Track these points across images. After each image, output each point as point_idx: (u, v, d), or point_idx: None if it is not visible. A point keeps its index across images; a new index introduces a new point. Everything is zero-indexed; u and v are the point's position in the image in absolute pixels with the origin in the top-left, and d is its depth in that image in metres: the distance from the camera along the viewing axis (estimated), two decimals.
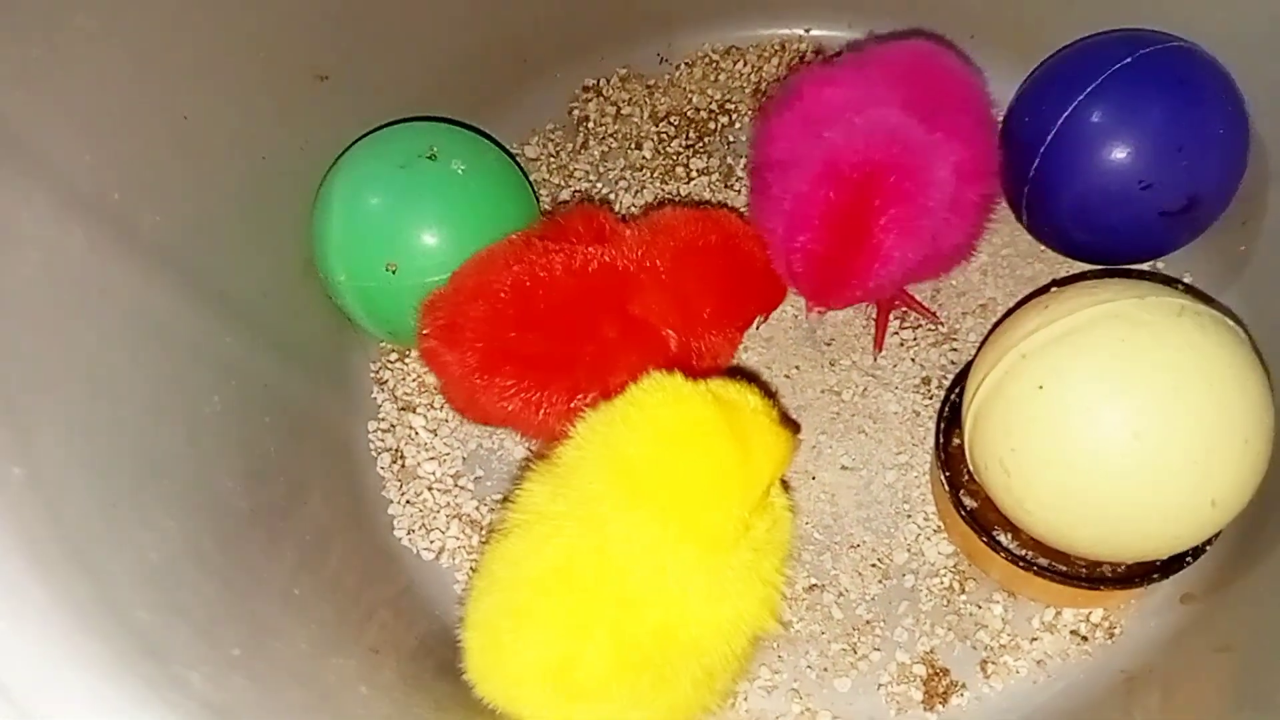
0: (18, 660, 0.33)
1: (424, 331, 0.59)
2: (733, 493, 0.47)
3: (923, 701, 0.58)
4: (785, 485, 0.54)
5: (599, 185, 0.75)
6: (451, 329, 0.58)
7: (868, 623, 0.60)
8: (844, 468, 0.65)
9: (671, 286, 0.59)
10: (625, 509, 0.46)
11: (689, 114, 0.78)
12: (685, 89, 0.79)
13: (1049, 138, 0.62)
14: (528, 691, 0.48)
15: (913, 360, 0.68)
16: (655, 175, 0.75)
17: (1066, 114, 0.62)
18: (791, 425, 0.52)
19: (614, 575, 0.46)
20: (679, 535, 0.46)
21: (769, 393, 0.53)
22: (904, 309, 0.69)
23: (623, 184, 0.75)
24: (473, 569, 0.62)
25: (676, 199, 0.74)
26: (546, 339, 0.57)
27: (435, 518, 0.65)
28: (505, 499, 0.53)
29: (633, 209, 0.74)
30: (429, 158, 0.62)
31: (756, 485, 0.48)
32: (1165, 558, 0.55)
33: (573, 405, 0.57)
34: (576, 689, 0.47)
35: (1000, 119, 0.72)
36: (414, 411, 0.68)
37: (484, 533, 0.64)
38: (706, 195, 0.74)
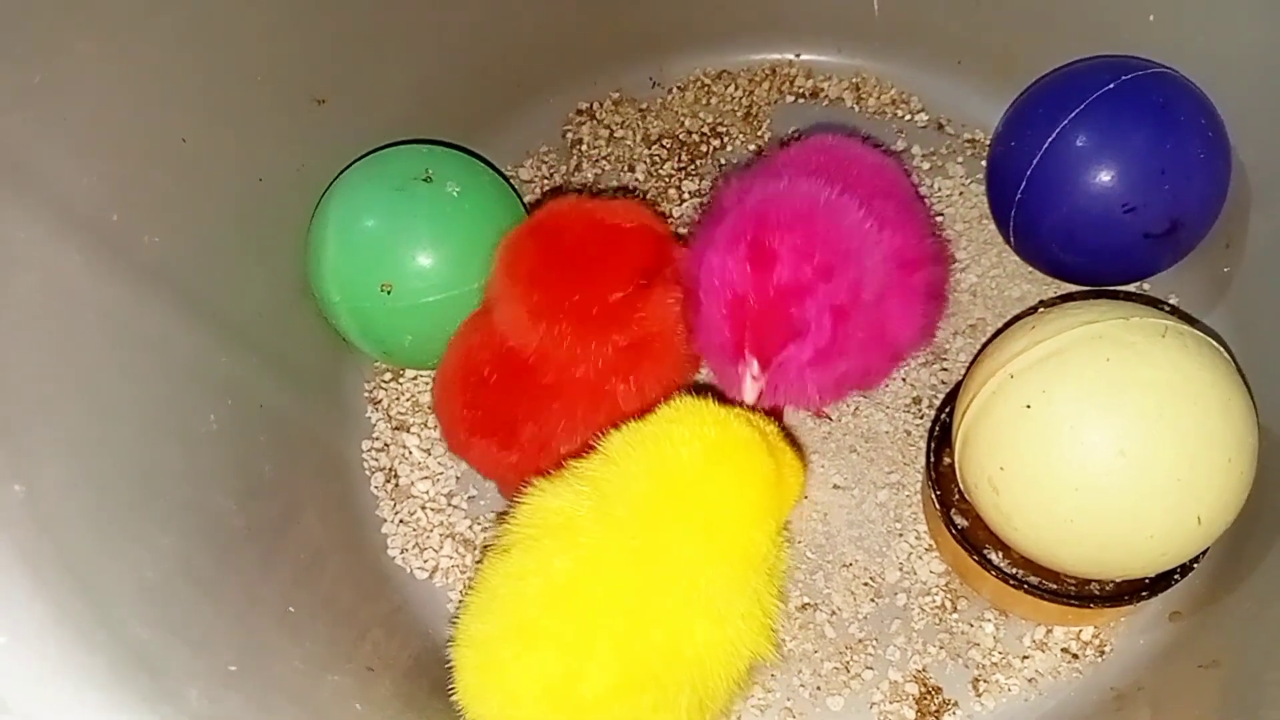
0: (17, 674, 0.33)
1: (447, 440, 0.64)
2: (771, 513, 0.48)
3: (915, 719, 0.59)
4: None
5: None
6: (448, 430, 0.62)
7: (860, 641, 0.61)
8: (836, 487, 0.65)
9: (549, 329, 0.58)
10: (669, 522, 0.47)
11: (681, 137, 0.79)
12: (677, 112, 0.80)
13: (1034, 162, 0.63)
14: (526, 710, 0.48)
15: (903, 380, 0.68)
16: (648, 197, 0.76)
17: (1051, 139, 0.63)
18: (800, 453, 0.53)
19: (630, 591, 0.46)
20: (721, 552, 0.47)
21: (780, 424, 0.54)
22: None
23: None
24: (466, 587, 0.62)
25: (669, 220, 0.75)
26: (488, 410, 0.59)
27: (429, 537, 0.65)
28: (503, 514, 0.53)
29: None
30: (424, 180, 0.63)
31: (786, 505, 0.50)
32: (1153, 575, 0.55)
33: (549, 451, 0.58)
34: (577, 706, 0.47)
35: (988, 144, 0.74)
36: (408, 431, 0.68)
37: (478, 551, 0.64)
38: (699, 218, 0.75)
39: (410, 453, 0.68)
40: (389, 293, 0.61)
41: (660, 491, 0.48)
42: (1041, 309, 0.58)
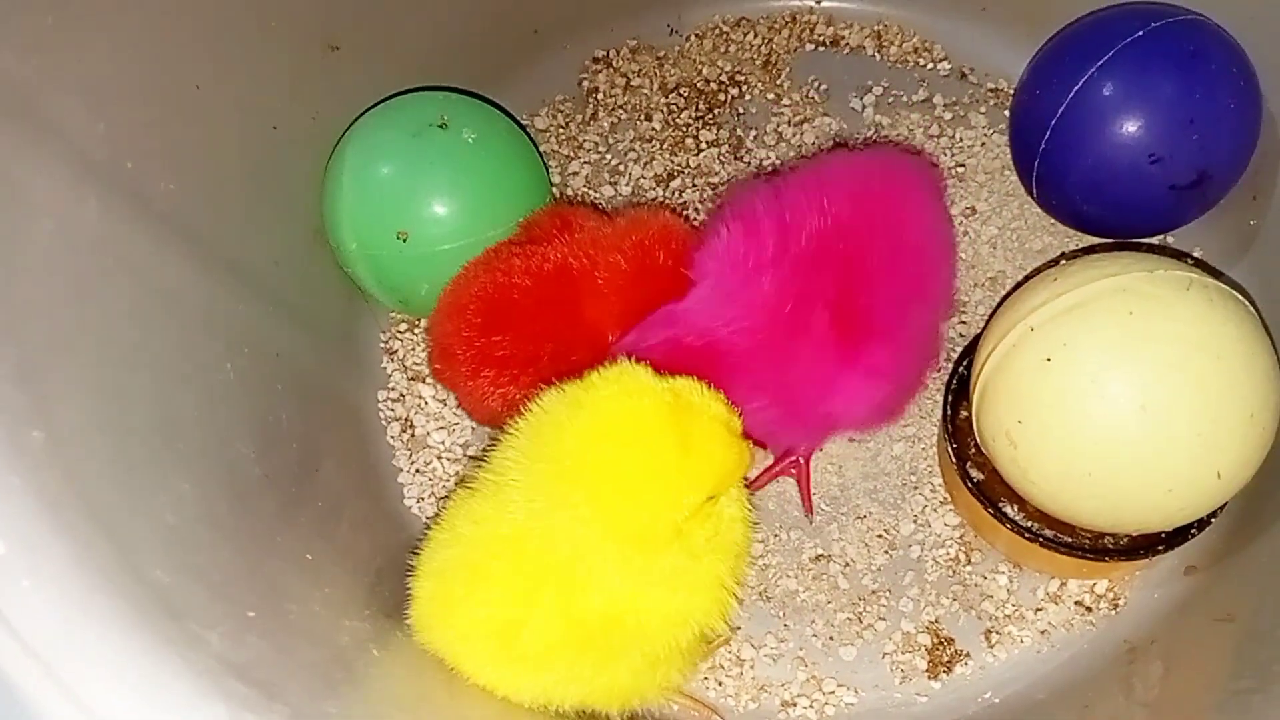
0: (40, 618, 0.34)
1: (430, 358, 0.64)
2: (664, 498, 0.45)
3: (927, 670, 0.59)
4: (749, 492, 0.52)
5: (608, 157, 0.75)
6: (443, 350, 0.61)
7: (873, 592, 0.61)
8: (851, 439, 0.65)
9: (613, 297, 0.59)
10: (557, 495, 0.46)
11: (699, 85, 0.78)
12: (695, 60, 0.79)
13: (1059, 111, 0.62)
14: (471, 647, 0.49)
15: None
16: (665, 147, 0.75)
17: (1077, 87, 0.61)
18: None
19: (556, 559, 0.46)
20: (603, 531, 0.45)
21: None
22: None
23: (632, 155, 0.75)
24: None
25: (686, 171, 0.74)
26: (511, 340, 0.59)
27: (444, 487, 0.65)
28: (480, 455, 0.53)
29: (642, 180, 0.74)
30: (440, 126, 0.62)
31: (693, 493, 0.46)
32: (1170, 530, 0.55)
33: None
34: (519, 653, 0.47)
35: (1011, 93, 0.72)
36: (423, 381, 0.68)
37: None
38: (716, 167, 0.74)
39: (426, 403, 0.68)
40: (405, 241, 0.61)
41: (552, 463, 0.46)
42: (1064, 261, 0.57)
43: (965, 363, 0.61)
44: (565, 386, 0.49)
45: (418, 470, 0.66)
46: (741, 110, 0.77)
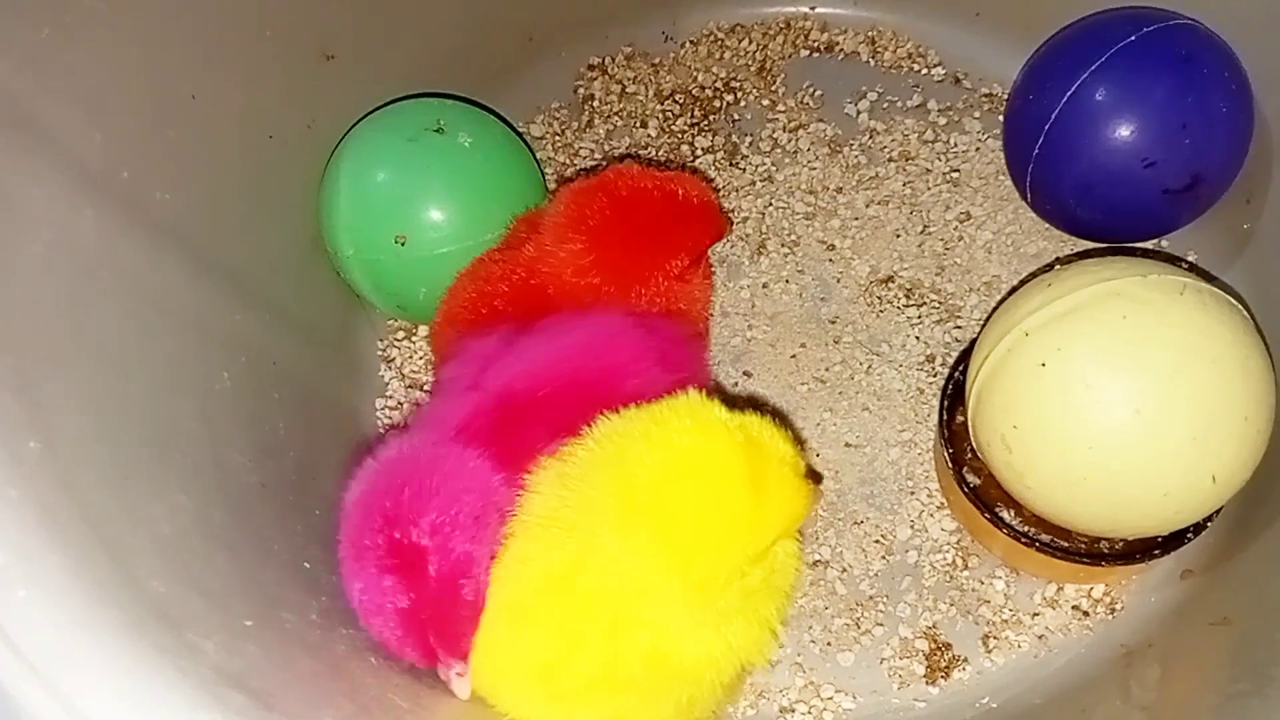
0: (37, 628, 0.34)
1: (434, 370, 0.65)
2: (733, 540, 0.45)
3: (925, 675, 0.59)
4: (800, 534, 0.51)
5: (604, 164, 0.76)
6: (444, 361, 0.61)
7: (871, 598, 0.61)
8: (848, 445, 0.65)
9: (587, 261, 0.59)
10: (621, 528, 0.45)
11: (694, 92, 0.78)
12: (690, 67, 0.79)
13: (1053, 116, 0.62)
14: (512, 686, 0.48)
15: (917, 338, 0.68)
16: (660, 154, 0.75)
17: (1070, 92, 0.62)
18: (814, 477, 0.49)
19: (608, 594, 0.45)
20: (667, 568, 0.45)
21: (798, 440, 0.50)
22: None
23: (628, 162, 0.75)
24: None
25: None
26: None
27: None
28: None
29: None
30: (436, 131, 0.63)
31: (762, 537, 0.46)
32: (1166, 534, 0.55)
33: None
34: (561, 692, 0.46)
35: (1006, 98, 0.72)
36: (421, 389, 0.69)
37: None
38: (712, 174, 0.74)
39: None
40: (403, 244, 0.61)
41: (618, 495, 0.46)
42: (1058, 266, 0.57)
43: (960, 368, 0.61)
44: (626, 415, 0.48)
45: None
46: (737, 116, 0.77)
